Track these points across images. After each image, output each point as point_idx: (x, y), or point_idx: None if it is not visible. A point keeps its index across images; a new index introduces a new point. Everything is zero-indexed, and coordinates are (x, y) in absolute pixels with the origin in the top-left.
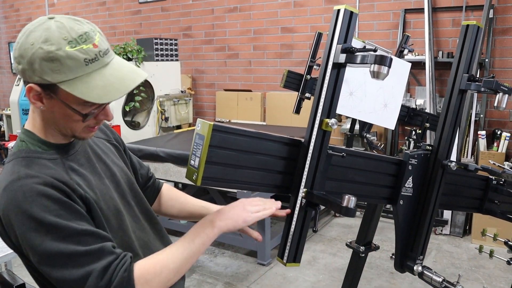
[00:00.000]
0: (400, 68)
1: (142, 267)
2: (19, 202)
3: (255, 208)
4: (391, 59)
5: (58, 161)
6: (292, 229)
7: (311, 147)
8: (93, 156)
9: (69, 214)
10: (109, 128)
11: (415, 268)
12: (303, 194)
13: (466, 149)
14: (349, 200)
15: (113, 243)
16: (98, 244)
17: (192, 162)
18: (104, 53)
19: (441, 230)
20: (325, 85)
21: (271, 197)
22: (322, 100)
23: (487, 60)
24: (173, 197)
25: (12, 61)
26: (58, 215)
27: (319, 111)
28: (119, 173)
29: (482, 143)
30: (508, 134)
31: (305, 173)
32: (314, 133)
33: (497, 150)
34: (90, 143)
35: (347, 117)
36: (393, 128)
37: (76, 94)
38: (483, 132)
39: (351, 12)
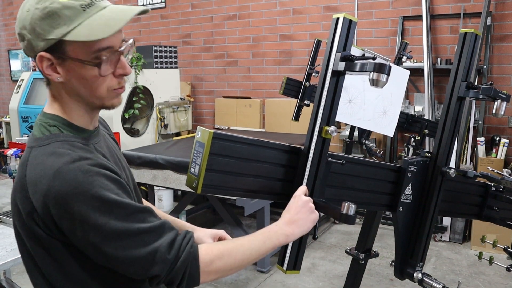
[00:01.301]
0: (399, 76)
1: (209, 248)
2: (80, 183)
3: (311, 202)
4: (390, 67)
5: (91, 147)
6: None
7: (310, 155)
8: (109, 147)
9: (126, 193)
10: (107, 123)
11: (415, 275)
12: None
13: (465, 156)
14: (349, 207)
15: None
16: (158, 220)
17: (192, 169)
18: None
19: (441, 237)
20: (325, 92)
21: (270, 204)
22: (321, 107)
23: (485, 67)
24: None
25: (19, 42)
26: (118, 193)
27: (319, 118)
28: (126, 167)
29: (481, 149)
30: (507, 141)
31: (305, 180)
32: (314, 140)
33: (496, 157)
34: (103, 134)
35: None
36: (392, 135)
37: (81, 38)
38: (482, 139)
39: (350, 20)
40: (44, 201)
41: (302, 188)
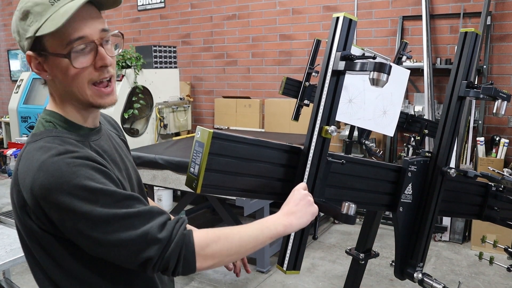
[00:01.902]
0: (399, 75)
1: (204, 231)
2: (62, 175)
3: (310, 196)
4: (390, 67)
5: (86, 144)
6: (292, 237)
7: (310, 154)
8: (112, 147)
9: (112, 182)
10: (118, 124)
11: (415, 275)
12: None
13: (464, 156)
14: (349, 208)
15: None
16: (146, 206)
17: (191, 169)
18: None
19: (441, 237)
20: (325, 92)
21: (270, 205)
22: (321, 107)
23: (485, 66)
24: None
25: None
26: (103, 182)
27: (319, 118)
28: (131, 168)
29: (481, 149)
30: (507, 140)
31: (305, 180)
32: (314, 140)
33: (496, 156)
34: (109, 133)
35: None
36: (392, 135)
37: (46, 31)
38: (482, 139)
39: (350, 20)
40: (32, 194)
41: (302, 184)
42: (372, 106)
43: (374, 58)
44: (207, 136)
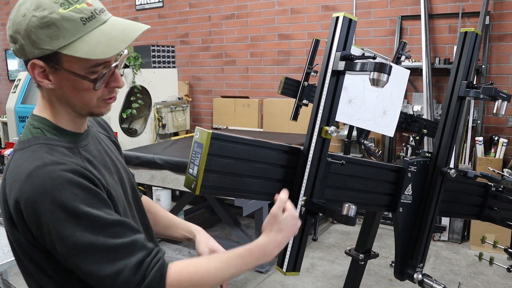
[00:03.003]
0: (399, 75)
1: (178, 271)
2: (47, 190)
3: (295, 212)
4: (390, 67)
5: (75, 151)
6: (291, 238)
7: (310, 155)
8: (102, 150)
9: (99, 203)
10: (108, 125)
11: (415, 276)
12: (303, 202)
13: (463, 155)
14: (349, 209)
15: (144, 235)
16: (130, 237)
17: (190, 170)
18: (100, 11)
19: (439, 237)
20: (324, 92)
21: (269, 205)
22: (321, 107)
23: (483, 66)
24: (151, 210)
25: (9, 42)
26: (89, 204)
27: (319, 118)
28: (122, 170)
29: (480, 149)
30: (506, 140)
31: (305, 181)
32: (314, 140)
33: (495, 156)
34: (97, 136)
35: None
36: (392, 135)
37: (80, 55)
38: (481, 138)
39: (350, 20)
40: (16, 206)
41: (279, 204)
42: (372, 106)
43: (374, 58)
44: (206, 136)
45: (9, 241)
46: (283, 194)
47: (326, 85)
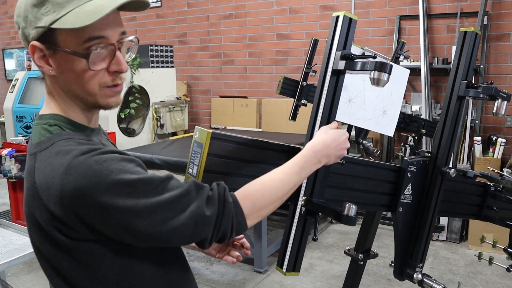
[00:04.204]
0: (399, 75)
1: (247, 191)
2: (95, 174)
3: (343, 137)
4: (391, 66)
5: (96, 142)
6: (291, 238)
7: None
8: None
9: (144, 169)
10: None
11: (414, 276)
12: (303, 202)
13: (462, 155)
14: (350, 209)
15: None
16: (185, 183)
17: (190, 170)
18: None
19: (438, 236)
20: (324, 92)
21: None
22: (321, 107)
23: (482, 66)
24: None
25: (18, 32)
26: (136, 171)
27: (319, 118)
28: None
29: (478, 149)
30: (504, 140)
31: (305, 180)
32: None
33: (493, 156)
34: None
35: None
36: (392, 135)
37: (67, 26)
38: (479, 138)
39: (350, 19)
40: (61, 203)
41: (333, 123)
42: (372, 105)
43: (374, 57)
44: (205, 136)
45: (38, 253)
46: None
47: (326, 85)
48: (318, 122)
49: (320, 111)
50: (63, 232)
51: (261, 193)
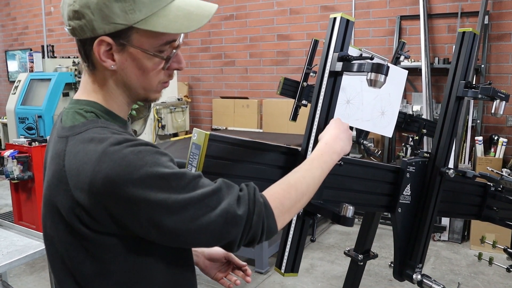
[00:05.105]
0: (397, 76)
1: (274, 190)
2: (130, 164)
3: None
4: (388, 67)
5: (128, 134)
6: (289, 239)
7: (308, 156)
8: None
9: (175, 164)
10: None
11: (414, 276)
12: None
13: (463, 155)
14: (347, 209)
15: None
16: (215, 182)
17: None
18: None
19: (440, 236)
20: (322, 93)
21: None
22: (319, 108)
23: (483, 66)
24: None
25: (66, 21)
26: (169, 166)
27: (316, 119)
28: None
29: (479, 148)
30: (505, 140)
31: None
32: (311, 141)
33: (495, 156)
34: None
35: None
36: (390, 136)
37: (159, 29)
38: (480, 138)
39: (347, 20)
40: (90, 191)
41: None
42: (370, 107)
43: (371, 58)
44: (203, 138)
45: (48, 242)
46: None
47: (323, 86)
48: (315, 123)
49: (318, 112)
50: (83, 222)
51: (288, 191)
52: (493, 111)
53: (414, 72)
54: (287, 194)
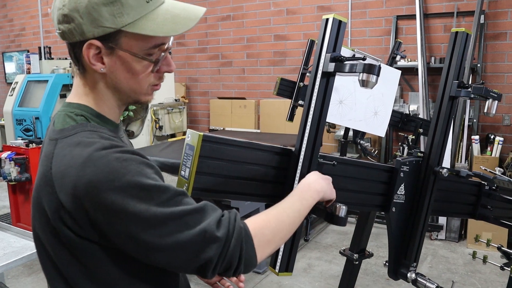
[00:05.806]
0: (390, 76)
1: (254, 220)
2: (112, 170)
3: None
4: (379, 68)
5: (118, 139)
6: None
7: (301, 156)
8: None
9: (161, 178)
10: None
11: (408, 275)
12: None
13: (460, 154)
14: (340, 209)
15: None
16: (198, 203)
17: (182, 172)
18: None
19: (437, 235)
20: (315, 94)
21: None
22: (312, 108)
23: (479, 65)
24: None
25: (56, 25)
26: (154, 178)
27: (309, 119)
28: None
29: (476, 147)
30: (501, 139)
31: (296, 182)
32: (305, 141)
33: (491, 155)
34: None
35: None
36: (383, 136)
37: (147, 32)
38: (477, 137)
39: (340, 21)
40: (74, 194)
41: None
42: (363, 107)
43: (364, 59)
44: (197, 139)
45: (37, 243)
46: None
47: (316, 86)
48: (309, 124)
49: (311, 112)
50: (67, 225)
51: (268, 221)
52: (485, 111)
53: (410, 72)
54: (267, 224)
